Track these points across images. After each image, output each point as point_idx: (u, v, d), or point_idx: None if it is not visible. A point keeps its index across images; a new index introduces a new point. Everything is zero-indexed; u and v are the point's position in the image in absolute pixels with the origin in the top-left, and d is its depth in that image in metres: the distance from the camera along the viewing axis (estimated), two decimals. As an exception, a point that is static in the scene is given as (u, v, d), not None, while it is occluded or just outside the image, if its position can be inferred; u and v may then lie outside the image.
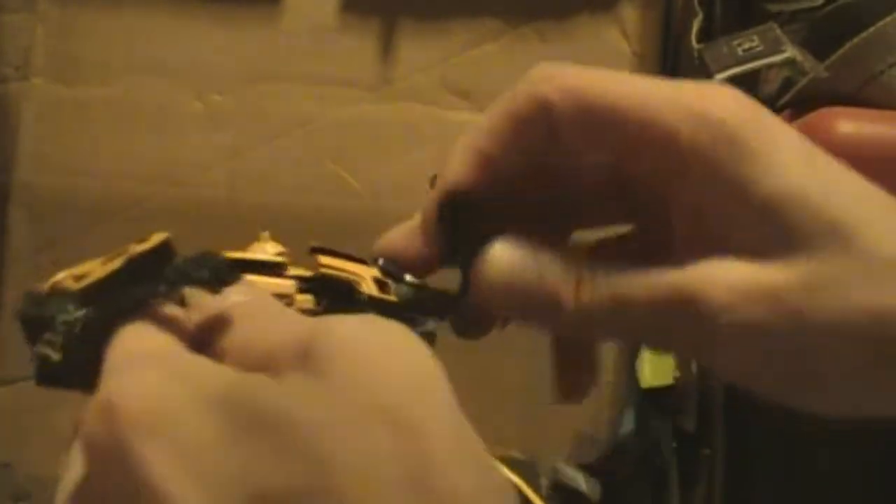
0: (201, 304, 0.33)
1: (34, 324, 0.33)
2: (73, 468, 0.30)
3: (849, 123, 0.58)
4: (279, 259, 0.40)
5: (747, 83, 0.65)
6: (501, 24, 0.85)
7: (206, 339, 0.32)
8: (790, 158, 0.33)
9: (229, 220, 0.84)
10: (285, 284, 0.39)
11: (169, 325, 0.32)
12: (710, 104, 0.34)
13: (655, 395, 0.79)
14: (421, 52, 0.85)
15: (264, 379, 0.28)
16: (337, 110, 0.85)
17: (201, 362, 0.31)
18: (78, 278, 0.33)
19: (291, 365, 0.28)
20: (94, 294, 0.32)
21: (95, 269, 0.33)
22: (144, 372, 0.29)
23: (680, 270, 0.34)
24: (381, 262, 0.40)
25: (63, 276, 0.33)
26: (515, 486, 0.33)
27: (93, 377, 0.30)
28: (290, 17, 0.86)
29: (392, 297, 0.40)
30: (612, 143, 0.36)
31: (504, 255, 0.36)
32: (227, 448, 0.27)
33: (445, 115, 0.85)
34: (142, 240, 0.32)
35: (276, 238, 0.42)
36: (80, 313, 0.32)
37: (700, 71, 0.65)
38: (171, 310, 0.32)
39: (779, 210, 0.33)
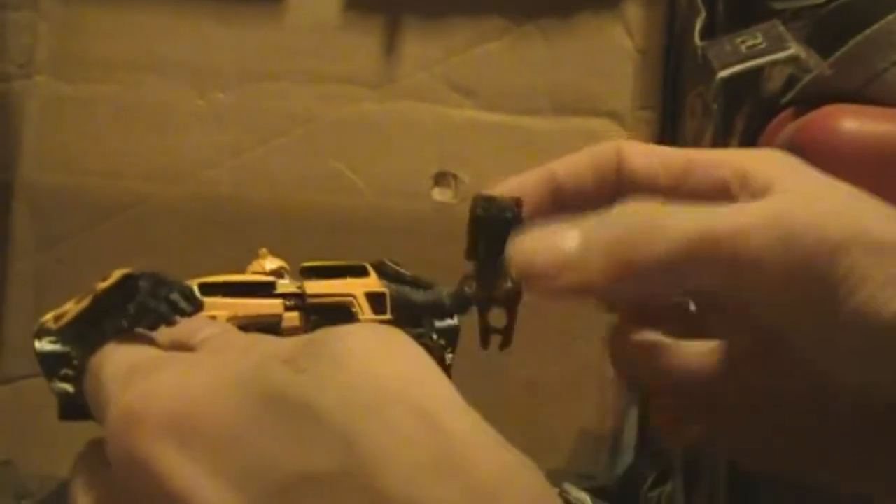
0: (171, 334, 0.33)
1: (50, 360, 0.34)
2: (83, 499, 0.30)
3: (852, 121, 0.58)
4: (265, 279, 0.39)
5: (751, 80, 0.65)
6: (505, 21, 0.85)
7: None
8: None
9: (232, 218, 0.84)
10: (273, 304, 0.38)
11: (147, 341, 0.32)
12: (760, 150, 0.42)
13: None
14: (424, 49, 0.85)
15: (282, 366, 0.28)
16: (340, 108, 0.85)
17: (210, 356, 0.31)
18: (57, 318, 0.34)
19: (303, 358, 0.28)
20: (69, 332, 0.33)
21: (71, 308, 0.34)
22: (159, 374, 0.29)
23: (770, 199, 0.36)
24: (386, 261, 0.40)
25: (48, 317, 0.34)
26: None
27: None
28: (293, 15, 0.86)
29: (387, 317, 0.40)
30: (673, 167, 0.40)
31: (534, 234, 0.38)
32: (251, 437, 0.27)
33: (449, 112, 0.85)
34: (104, 277, 0.33)
35: (274, 252, 0.42)
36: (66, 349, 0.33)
37: (703, 68, 0.65)
38: (145, 333, 0.33)
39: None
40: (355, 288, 0.40)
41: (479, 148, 0.82)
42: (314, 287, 0.39)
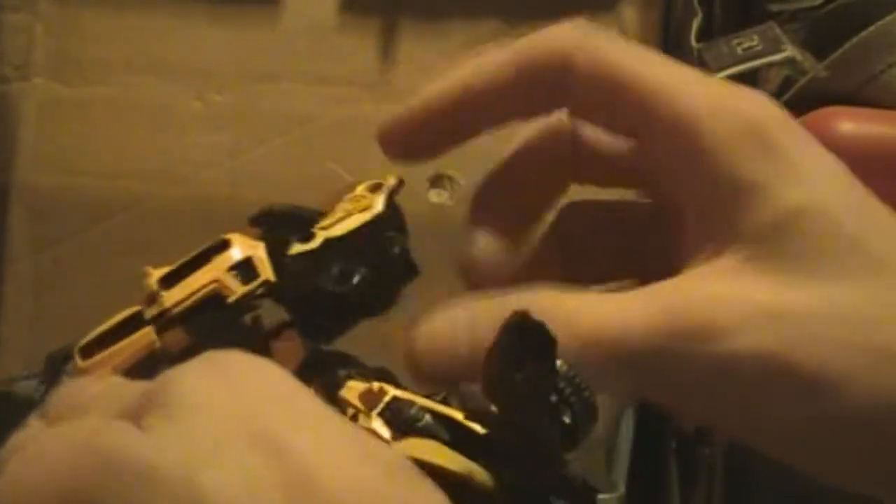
0: (64, 409, 0.32)
1: None
2: None
3: (848, 123, 0.58)
4: (130, 312, 0.36)
5: (747, 82, 0.65)
6: (501, 23, 0.85)
7: None
8: (821, 171, 0.31)
9: (229, 219, 0.84)
10: (142, 335, 0.35)
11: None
12: (742, 101, 0.32)
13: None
14: (421, 51, 0.85)
15: (121, 426, 0.27)
16: (337, 109, 0.85)
17: (54, 430, 0.29)
18: None
19: (143, 414, 0.27)
20: None
21: None
22: (7, 468, 0.28)
23: (677, 289, 0.31)
24: (269, 207, 0.37)
25: None
26: (434, 424, 0.31)
27: None
28: (290, 16, 0.86)
29: (257, 282, 0.35)
30: (627, 116, 0.33)
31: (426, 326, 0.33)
32: None
33: (445, 114, 0.85)
34: None
35: None
36: None
37: (700, 70, 0.65)
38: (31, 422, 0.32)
39: (800, 220, 0.30)
40: (218, 270, 0.36)
41: (475, 150, 0.82)
42: (173, 295, 0.35)
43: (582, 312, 0.31)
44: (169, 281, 0.36)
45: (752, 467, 0.68)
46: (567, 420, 0.29)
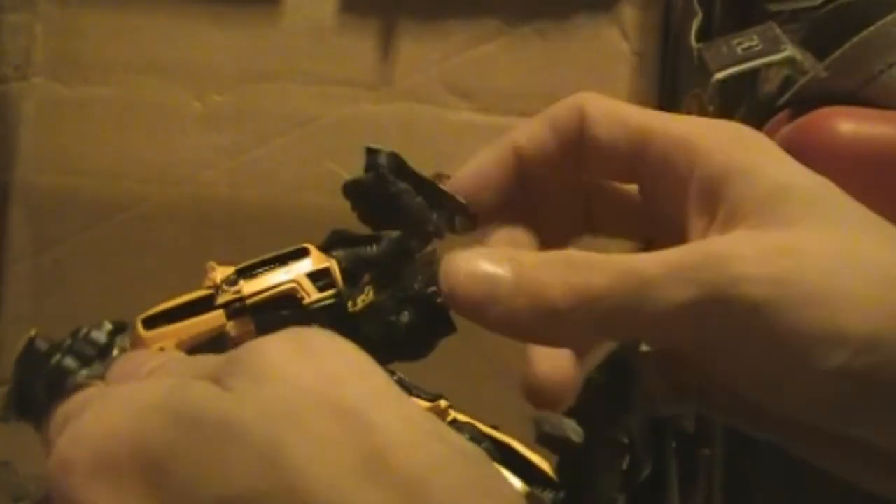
0: (122, 376, 0.33)
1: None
2: None
3: (848, 123, 0.58)
4: (203, 293, 0.37)
5: (747, 82, 0.65)
6: (501, 23, 0.85)
7: None
8: (791, 162, 0.36)
9: (229, 220, 0.84)
10: (214, 317, 0.37)
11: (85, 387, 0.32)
12: (724, 123, 0.37)
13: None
14: (420, 51, 0.85)
15: (202, 383, 0.28)
16: (336, 110, 0.85)
17: (131, 385, 0.30)
18: (2, 399, 0.34)
19: (224, 377, 0.28)
20: (11, 412, 0.34)
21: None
22: (85, 414, 0.29)
23: (693, 244, 0.34)
24: (338, 229, 0.39)
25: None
26: (493, 449, 0.32)
27: None
28: (290, 16, 0.86)
29: (331, 292, 0.37)
30: (630, 144, 0.38)
31: (465, 257, 0.35)
32: (176, 462, 0.26)
33: (445, 114, 0.85)
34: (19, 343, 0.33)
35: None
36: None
37: (700, 70, 0.65)
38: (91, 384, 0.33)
39: (789, 193, 0.34)
40: (297, 272, 0.38)
41: (475, 149, 0.82)
42: (252, 286, 0.37)
43: (614, 257, 0.34)
44: (244, 274, 0.38)
45: (752, 467, 0.68)
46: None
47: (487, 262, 0.34)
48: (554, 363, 0.38)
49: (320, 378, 0.27)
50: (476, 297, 0.34)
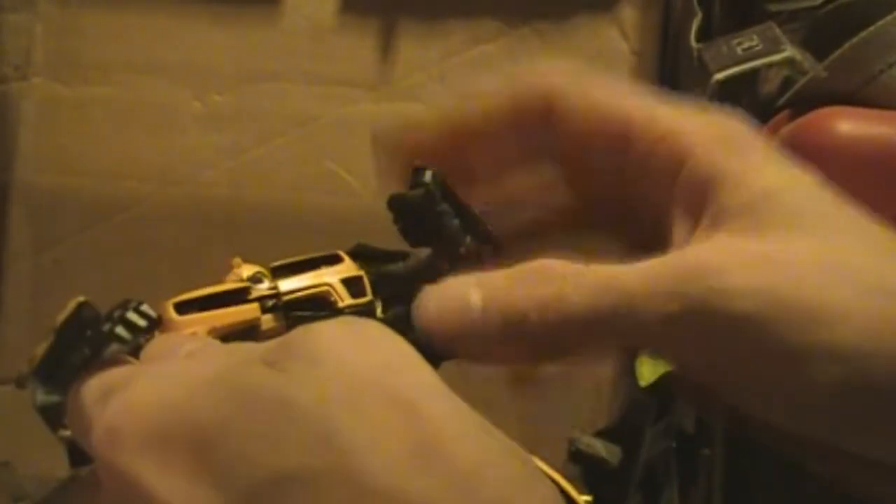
0: (153, 356, 0.33)
1: (49, 412, 0.34)
2: None
3: (848, 123, 0.58)
4: (238, 285, 0.38)
5: (746, 82, 0.65)
6: (500, 24, 0.85)
7: None
8: (777, 164, 0.35)
9: (229, 220, 0.84)
10: (249, 309, 0.37)
11: (119, 363, 0.32)
12: (711, 117, 0.35)
13: (654, 395, 0.79)
14: (420, 51, 0.85)
15: (258, 364, 0.28)
16: (336, 110, 0.85)
17: (182, 362, 0.30)
18: (30, 361, 0.34)
19: (279, 358, 0.28)
20: (41, 372, 0.33)
21: (41, 348, 0.33)
22: (135, 386, 0.29)
23: (674, 254, 0.33)
24: (362, 243, 0.40)
25: (28, 360, 0.34)
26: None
27: None
28: (290, 17, 0.86)
29: (365, 299, 0.38)
30: (608, 140, 0.35)
31: (438, 291, 0.34)
32: (230, 439, 0.27)
33: (445, 114, 0.85)
34: (64, 308, 0.33)
35: (265, 256, 0.41)
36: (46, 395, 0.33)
37: (699, 70, 0.65)
38: (118, 357, 0.33)
39: (771, 200, 0.33)
40: (331, 276, 0.39)
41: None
42: (288, 284, 0.38)
43: (591, 269, 0.33)
44: (278, 272, 0.39)
45: (752, 467, 0.68)
46: None
47: (455, 290, 0.34)
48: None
49: (375, 365, 0.28)
50: (451, 330, 0.33)
